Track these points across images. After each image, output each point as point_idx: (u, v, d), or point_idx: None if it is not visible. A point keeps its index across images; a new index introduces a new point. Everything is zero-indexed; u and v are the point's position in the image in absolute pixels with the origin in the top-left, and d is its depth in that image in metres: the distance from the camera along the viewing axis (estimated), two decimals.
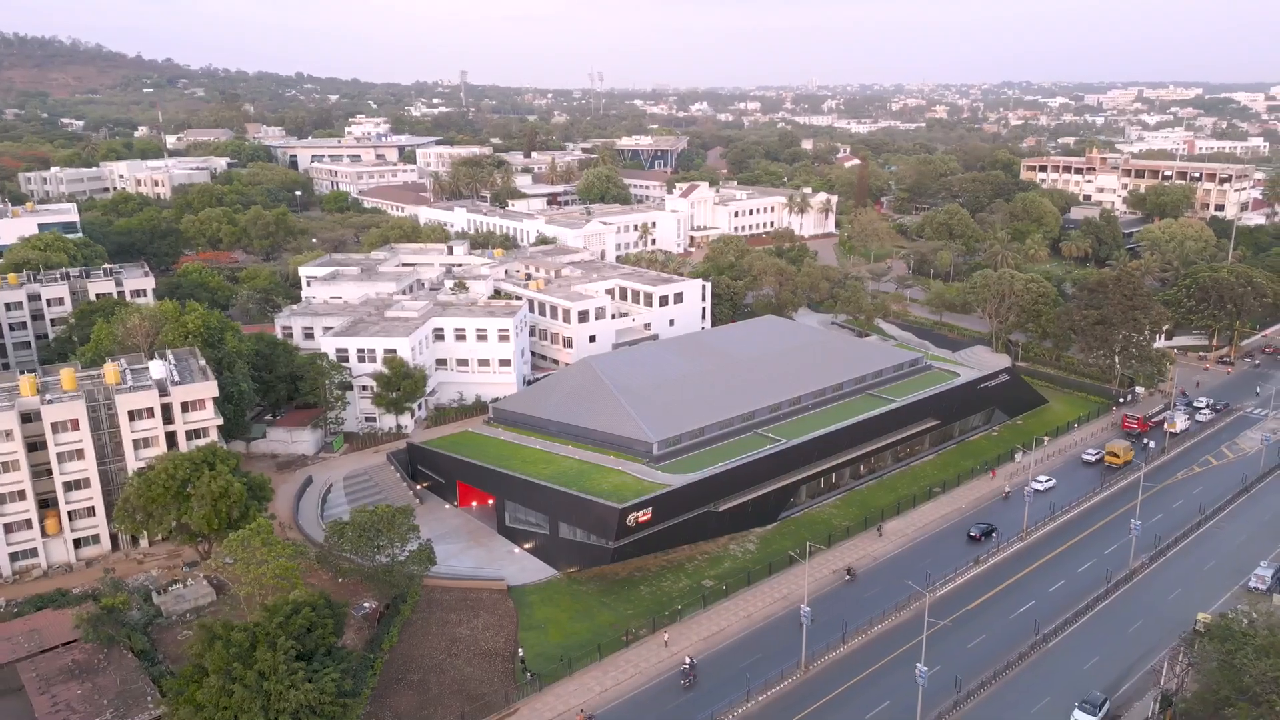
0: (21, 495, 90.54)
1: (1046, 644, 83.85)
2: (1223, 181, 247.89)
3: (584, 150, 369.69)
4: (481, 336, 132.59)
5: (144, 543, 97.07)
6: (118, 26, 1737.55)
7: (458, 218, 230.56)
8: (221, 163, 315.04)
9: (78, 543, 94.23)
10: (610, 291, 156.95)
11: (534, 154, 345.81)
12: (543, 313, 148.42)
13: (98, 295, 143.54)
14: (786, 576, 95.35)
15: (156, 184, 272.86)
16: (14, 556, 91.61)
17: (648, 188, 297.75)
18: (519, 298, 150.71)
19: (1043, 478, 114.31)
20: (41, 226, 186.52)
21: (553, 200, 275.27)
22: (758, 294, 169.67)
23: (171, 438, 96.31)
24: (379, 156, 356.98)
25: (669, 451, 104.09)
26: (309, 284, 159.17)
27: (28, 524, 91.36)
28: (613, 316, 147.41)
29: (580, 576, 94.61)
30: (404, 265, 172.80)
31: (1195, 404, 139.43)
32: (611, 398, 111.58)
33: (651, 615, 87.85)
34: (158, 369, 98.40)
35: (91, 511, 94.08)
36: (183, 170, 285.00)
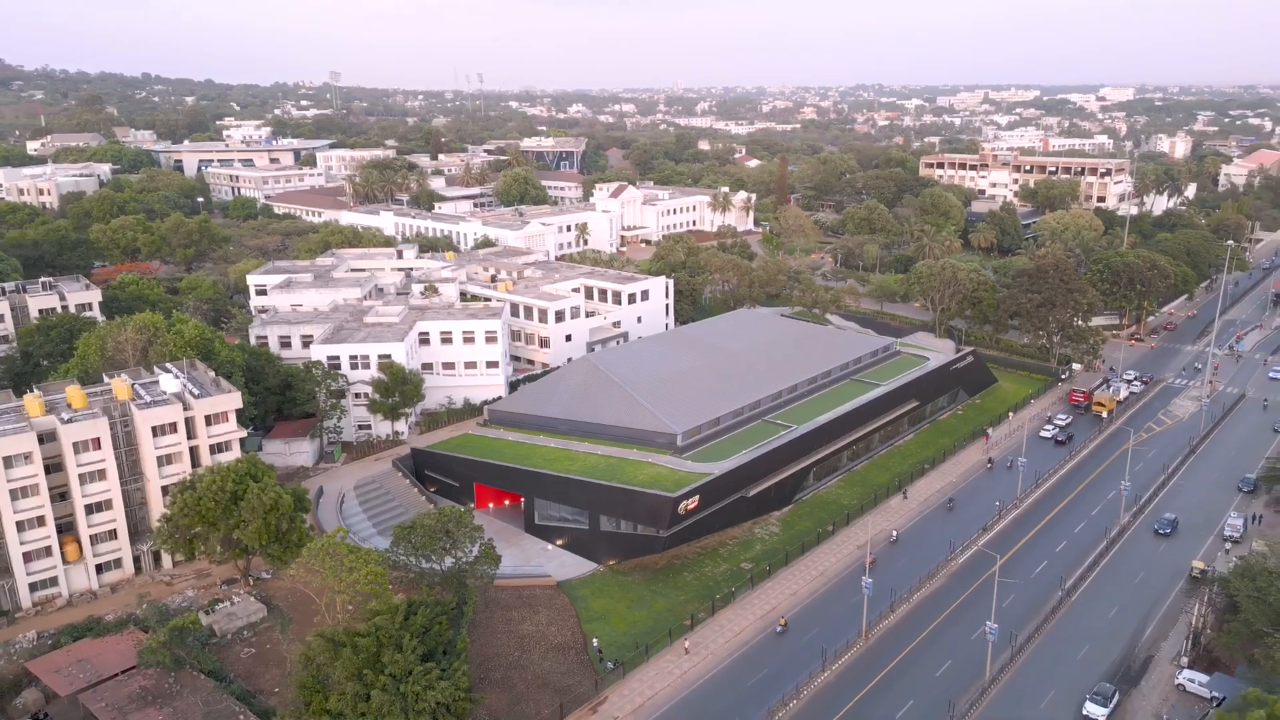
0: (41, 521, 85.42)
1: (1070, 598, 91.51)
2: (1103, 175, 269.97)
3: (487, 152, 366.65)
4: (468, 339, 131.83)
5: (167, 564, 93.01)
6: None
7: (384, 222, 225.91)
8: (104, 169, 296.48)
9: (99, 568, 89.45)
10: (576, 290, 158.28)
11: (441, 156, 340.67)
12: (515, 314, 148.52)
13: (41, 311, 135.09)
14: (819, 553, 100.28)
15: (41, 193, 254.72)
16: (34, 587, 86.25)
17: (563, 189, 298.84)
18: (488, 299, 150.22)
19: (1061, 418, 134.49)
20: None
21: (475, 203, 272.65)
22: (713, 289, 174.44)
23: (193, 453, 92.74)
24: (273, 160, 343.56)
25: (692, 442, 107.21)
26: (259, 293, 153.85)
27: (47, 551, 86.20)
28: (586, 316, 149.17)
29: (622, 568, 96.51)
30: (353, 270, 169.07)
31: (1125, 377, 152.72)
32: (623, 393, 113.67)
33: (706, 599, 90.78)
34: (171, 383, 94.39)
35: (113, 534, 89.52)
36: (68, 178, 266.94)
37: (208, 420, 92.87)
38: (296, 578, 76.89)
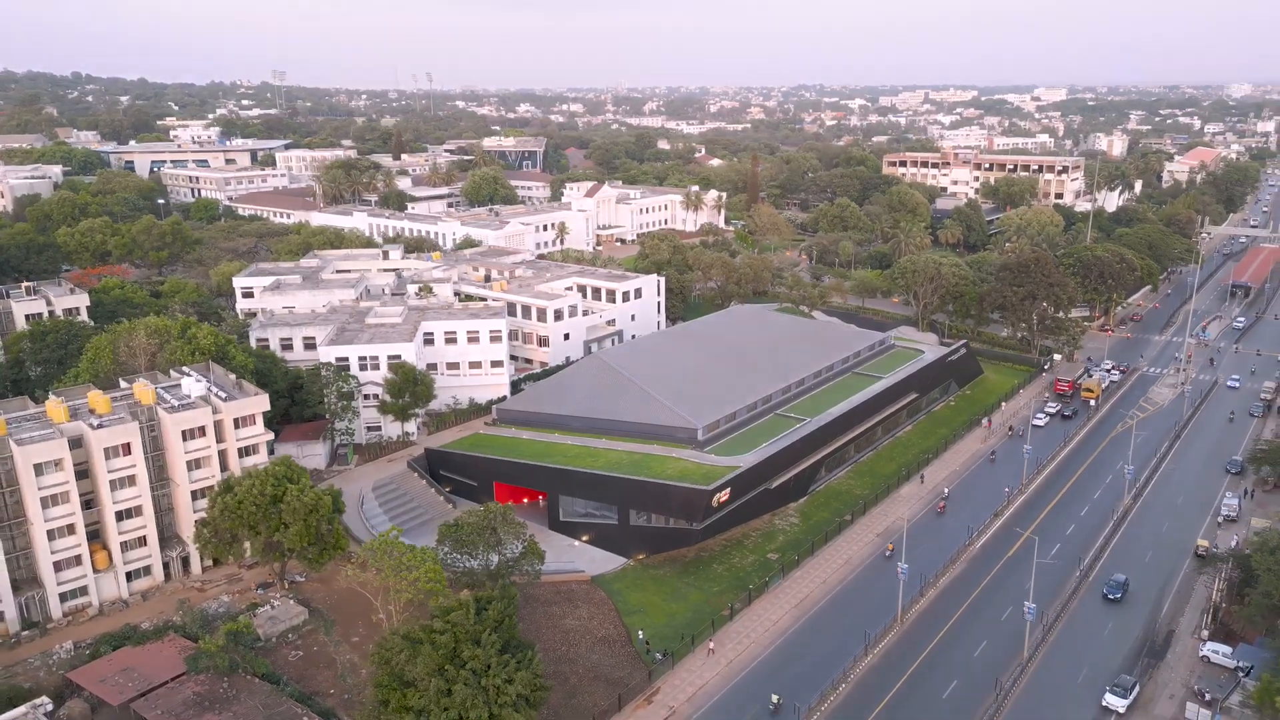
0: (71, 530, 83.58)
1: (1088, 578, 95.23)
2: (1060, 172, 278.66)
3: (448, 152, 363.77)
4: (473, 339, 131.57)
5: (196, 569, 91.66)
6: None
7: (357, 223, 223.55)
8: (55, 170, 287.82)
9: (129, 575, 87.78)
10: (569, 289, 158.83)
11: (404, 156, 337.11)
12: (513, 313, 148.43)
13: (28, 317, 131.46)
14: (842, 542, 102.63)
15: None
16: (64, 597, 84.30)
17: (530, 188, 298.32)
18: (484, 299, 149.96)
19: (1051, 406, 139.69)
20: None
21: (447, 203, 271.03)
22: (703, 287, 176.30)
23: (221, 457, 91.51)
24: (229, 161, 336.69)
25: (712, 436, 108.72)
26: (246, 295, 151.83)
27: (77, 560, 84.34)
28: (583, 314, 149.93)
29: (651, 562, 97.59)
30: (340, 272, 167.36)
31: (1103, 366, 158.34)
32: (639, 390, 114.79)
33: (739, 589, 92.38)
34: (195, 386, 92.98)
35: (143, 541, 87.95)
36: (21, 180, 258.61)
37: (236, 423, 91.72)
38: (351, 577, 76.53)
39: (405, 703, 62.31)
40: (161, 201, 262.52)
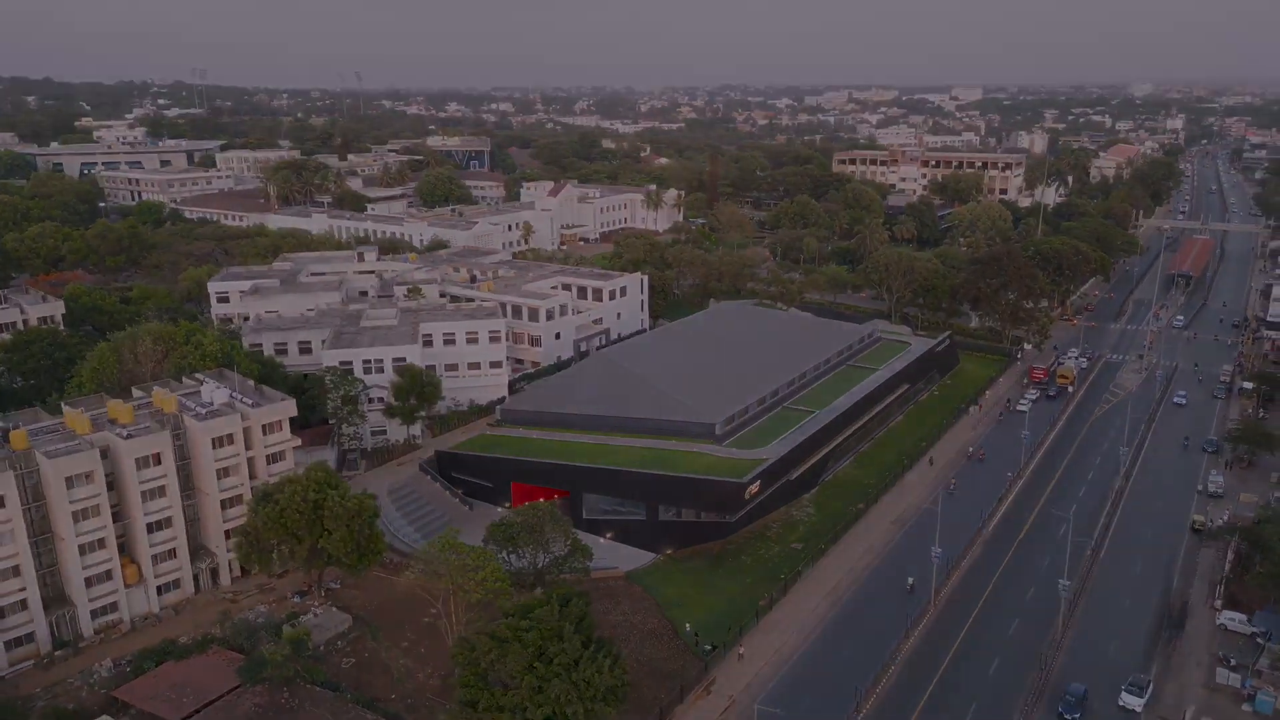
0: (102, 544, 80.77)
1: (1099, 556, 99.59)
2: (1004, 169, 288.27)
3: (393, 152, 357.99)
4: (471, 339, 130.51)
5: (225, 580, 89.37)
6: None
7: (316, 224, 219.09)
8: None
9: (159, 589, 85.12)
10: (554, 289, 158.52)
11: (350, 156, 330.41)
12: (502, 313, 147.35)
13: (2, 326, 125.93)
14: (861, 529, 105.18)
15: None
16: (94, 614, 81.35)
17: (484, 188, 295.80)
18: (471, 299, 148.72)
19: (1032, 394, 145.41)
20: None
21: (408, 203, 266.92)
22: (680, 284, 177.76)
23: (249, 464, 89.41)
24: (164, 163, 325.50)
25: (728, 431, 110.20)
26: (222, 300, 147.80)
27: (108, 575, 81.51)
28: (574, 314, 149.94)
29: (679, 556, 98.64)
30: (315, 274, 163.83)
31: (1070, 355, 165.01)
32: (650, 386, 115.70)
33: (772, 579, 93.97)
34: (218, 393, 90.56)
35: (173, 554, 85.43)
36: None
37: (264, 430, 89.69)
38: (415, 580, 75.74)
39: (497, 701, 62.12)
40: (102, 205, 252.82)
